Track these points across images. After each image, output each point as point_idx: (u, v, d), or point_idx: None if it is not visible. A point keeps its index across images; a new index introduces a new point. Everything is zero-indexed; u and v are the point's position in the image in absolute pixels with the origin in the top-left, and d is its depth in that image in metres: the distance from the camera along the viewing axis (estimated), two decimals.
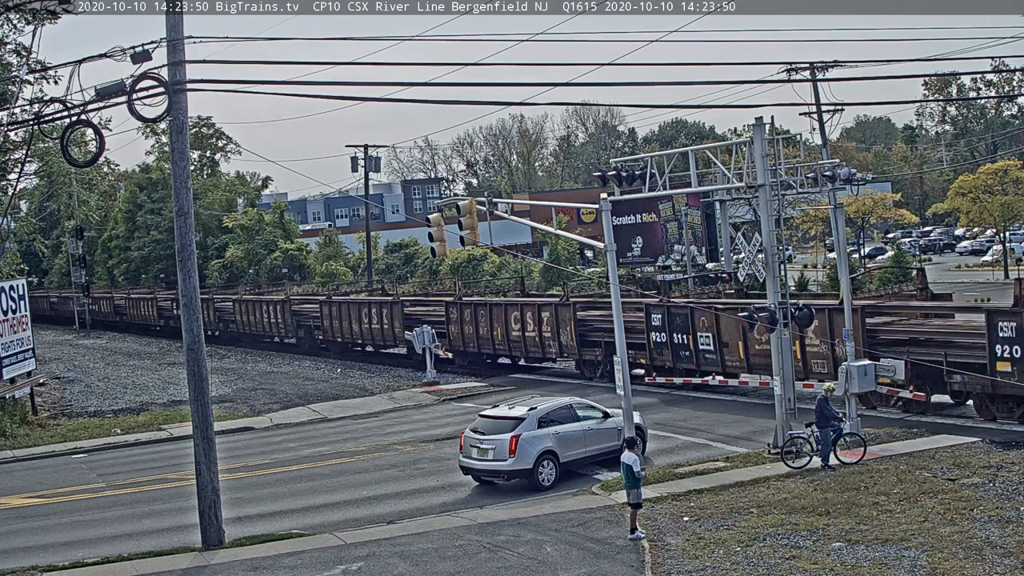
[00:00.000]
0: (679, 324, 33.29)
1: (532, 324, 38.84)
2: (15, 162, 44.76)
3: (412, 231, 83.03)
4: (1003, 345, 24.15)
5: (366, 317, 48.83)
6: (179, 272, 19.97)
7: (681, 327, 33.24)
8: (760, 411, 28.61)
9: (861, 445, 22.44)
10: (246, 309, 60.25)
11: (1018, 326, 23.87)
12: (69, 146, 19.89)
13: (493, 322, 40.85)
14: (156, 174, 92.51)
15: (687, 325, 32.96)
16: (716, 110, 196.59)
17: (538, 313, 38.63)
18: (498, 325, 40.63)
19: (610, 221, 23.40)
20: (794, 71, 52.72)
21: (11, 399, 35.85)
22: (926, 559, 15.56)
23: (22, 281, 39.03)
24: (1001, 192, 65.66)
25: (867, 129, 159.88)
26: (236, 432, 33.14)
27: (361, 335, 49.82)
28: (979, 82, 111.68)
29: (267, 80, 20.75)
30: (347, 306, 50.67)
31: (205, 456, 19.63)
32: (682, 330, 33.22)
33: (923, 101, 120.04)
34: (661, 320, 33.92)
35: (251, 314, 59.47)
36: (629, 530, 18.23)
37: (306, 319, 54.83)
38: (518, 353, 40.96)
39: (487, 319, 41.11)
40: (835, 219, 25.30)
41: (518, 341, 39.92)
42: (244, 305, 60.78)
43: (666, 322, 33.70)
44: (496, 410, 24.02)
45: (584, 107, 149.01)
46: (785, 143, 28.35)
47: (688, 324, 32.91)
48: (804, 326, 24.97)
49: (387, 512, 21.67)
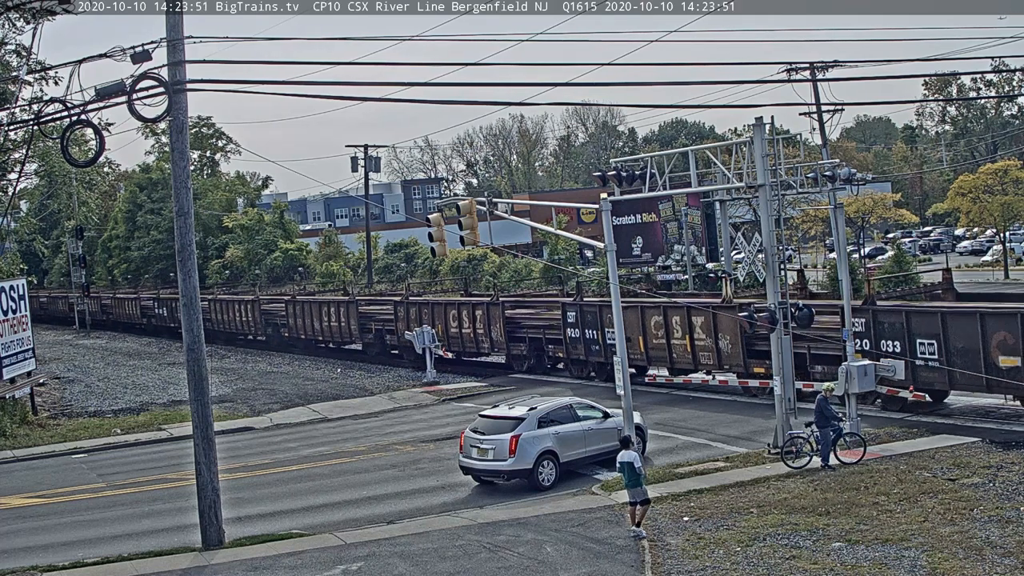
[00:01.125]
0: (590, 321, 36.42)
1: (468, 322, 42.18)
2: (15, 162, 44.78)
3: (412, 231, 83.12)
4: None
5: (326, 315, 51.64)
6: (179, 272, 19.97)
7: (591, 323, 36.34)
8: (760, 411, 28.61)
9: (861, 445, 22.44)
10: (220, 308, 62.79)
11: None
12: (69, 146, 19.88)
13: (435, 320, 43.49)
14: (156, 174, 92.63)
15: (596, 322, 36.03)
16: (716, 110, 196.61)
17: (472, 311, 41.78)
18: (439, 323, 43.29)
19: (610, 221, 23.40)
20: (794, 71, 52.74)
21: (11, 399, 35.85)
22: (926, 559, 15.57)
23: (22, 281, 39.03)
24: (1001, 192, 65.65)
25: (867, 129, 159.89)
26: (236, 432, 33.14)
27: (322, 332, 52.48)
28: (979, 82, 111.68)
29: (267, 80, 20.77)
30: (309, 305, 53.73)
31: (205, 456, 19.63)
32: (592, 326, 36.35)
33: (923, 101, 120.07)
34: (575, 317, 37.14)
35: (224, 313, 62.22)
36: (635, 524, 18.26)
37: (273, 317, 57.68)
38: (457, 348, 43.40)
39: (430, 317, 43.78)
40: (835, 219, 25.29)
41: (456, 337, 42.92)
42: (218, 304, 63.34)
43: (579, 319, 36.94)
44: (496, 410, 24.01)
45: (584, 107, 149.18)
46: (785, 143, 28.36)
47: (597, 320, 35.91)
48: (804, 326, 24.98)
49: (387, 512, 21.68)
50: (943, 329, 25.87)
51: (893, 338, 27.06)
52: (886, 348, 27.16)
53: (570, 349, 37.47)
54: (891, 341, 27.10)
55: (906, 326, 26.73)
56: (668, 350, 33.61)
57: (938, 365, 26.05)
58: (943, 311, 26.48)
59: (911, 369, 26.42)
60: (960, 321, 25.61)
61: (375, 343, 48.84)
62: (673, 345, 33.45)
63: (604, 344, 35.31)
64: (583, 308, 36.61)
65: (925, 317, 26.62)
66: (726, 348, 31.64)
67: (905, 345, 26.60)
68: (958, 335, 25.55)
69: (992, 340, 24.62)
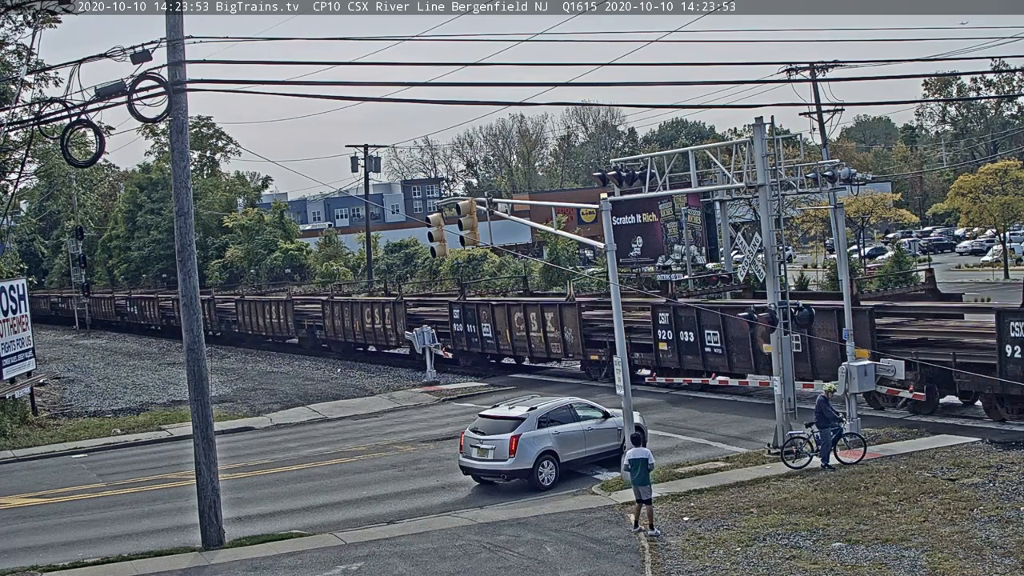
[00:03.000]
0: (470, 317, 42.07)
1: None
2: (15, 162, 44.79)
3: (412, 231, 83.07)
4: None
5: (270, 313, 57.02)
6: (179, 272, 19.97)
7: (471, 319, 41.91)
8: (760, 411, 28.62)
9: (861, 445, 22.44)
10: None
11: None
12: (69, 146, 19.89)
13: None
14: (156, 174, 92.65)
15: (475, 318, 41.67)
16: (716, 110, 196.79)
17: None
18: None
19: (610, 221, 23.39)
20: (794, 71, 52.75)
21: (11, 399, 35.85)
22: (926, 559, 15.57)
23: (22, 281, 39.05)
24: (1001, 192, 65.66)
25: (867, 129, 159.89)
26: (236, 432, 33.15)
27: (265, 328, 57.97)
28: (979, 82, 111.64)
29: (267, 80, 20.78)
30: (257, 304, 58.79)
31: (205, 456, 19.63)
32: (472, 322, 41.91)
33: (923, 101, 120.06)
34: (459, 314, 42.39)
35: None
36: (649, 526, 18.19)
37: (226, 315, 62.29)
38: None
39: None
40: (835, 219, 25.29)
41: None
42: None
43: (463, 316, 42.40)
44: (496, 410, 24.02)
45: (584, 107, 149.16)
46: (785, 143, 28.34)
47: (476, 317, 41.45)
48: (804, 326, 24.97)
49: (387, 512, 21.68)
50: (723, 323, 30.57)
51: (689, 329, 32.47)
52: (684, 337, 32.82)
53: (456, 341, 42.87)
54: (687, 332, 32.61)
55: (697, 320, 31.98)
56: (528, 342, 38.90)
57: (719, 350, 31.28)
58: (722, 307, 31.91)
59: (701, 355, 32.17)
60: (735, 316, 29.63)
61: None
62: (532, 337, 38.66)
63: (481, 336, 41.38)
64: (465, 307, 42.14)
65: (710, 313, 31.92)
66: (570, 339, 37.11)
67: (697, 334, 32.08)
68: (733, 327, 30.26)
69: (757, 330, 28.12)
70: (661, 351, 33.99)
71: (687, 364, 33.13)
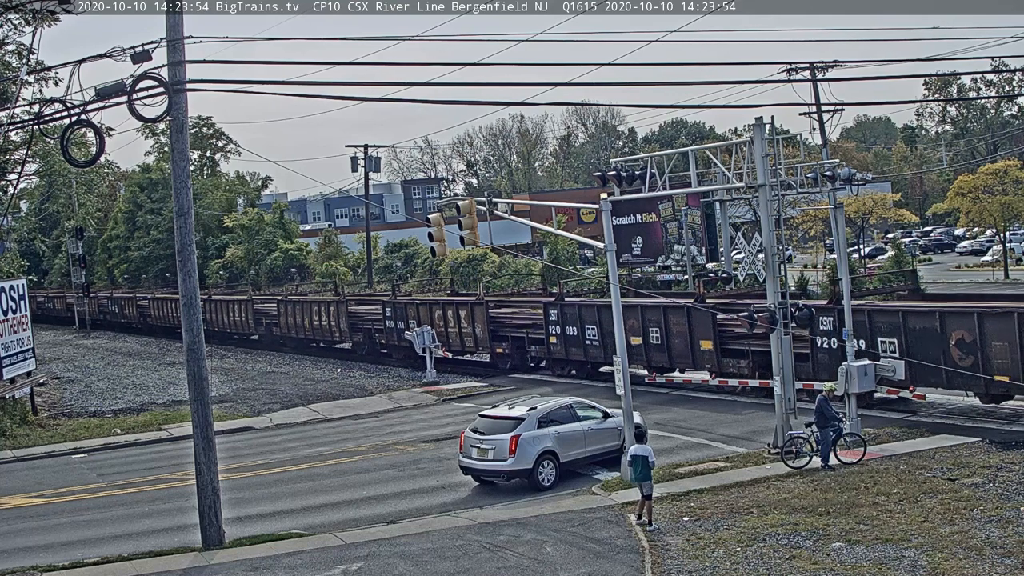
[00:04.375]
0: (400, 314, 46.06)
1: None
2: (15, 162, 44.80)
3: (412, 231, 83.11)
4: None
5: (234, 312, 61.04)
6: (179, 272, 19.97)
7: (400, 316, 45.89)
8: (760, 411, 28.62)
9: (861, 445, 22.44)
10: (158, 305, 71.10)
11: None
12: (69, 146, 19.88)
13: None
14: (156, 174, 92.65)
15: (403, 316, 45.69)
16: (716, 110, 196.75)
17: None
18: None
19: (610, 221, 23.40)
20: (794, 71, 52.78)
21: (11, 399, 35.85)
22: (926, 559, 15.57)
23: (22, 281, 39.04)
24: (1001, 192, 65.63)
25: (867, 129, 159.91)
26: (236, 432, 33.14)
27: (230, 325, 61.86)
28: (979, 82, 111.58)
29: (267, 80, 20.77)
30: (223, 303, 63.11)
31: (205, 456, 19.63)
32: (401, 319, 45.85)
33: (923, 101, 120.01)
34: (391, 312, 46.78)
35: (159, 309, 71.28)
36: (647, 522, 18.41)
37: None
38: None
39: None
40: (835, 219, 25.28)
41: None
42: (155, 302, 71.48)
43: (394, 314, 46.50)
44: (496, 410, 24.02)
45: (584, 107, 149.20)
46: (785, 143, 28.34)
47: (404, 315, 45.66)
48: (803, 326, 24.97)
49: (387, 512, 21.68)
50: (598, 318, 35.63)
51: (573, 323, 37.04)
52: (569, 331, 37.24)
53: (389, 337, 47.50)
54: (571, 326, 37.10)
55: (579, 315, 36.77)
56: (447, 336, 43.16)
57: (597, 343, 36.01)
58: (598, 305, 36.41)
59: (583, 347, 36.65)
60: (607, 312, 31.80)
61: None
62: (449, 332, 43.02)
63: (447, 333, 44.49)
64: (395, 306, 46.88)
65: (588, 309, 36.71)
66: (480, 334, 41.67)
67: (579, 329, 36.74)
68: (607, 323, 33.46)
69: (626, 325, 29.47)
70: (552, 344, 38.30)
71: (572, 355, 37.64)
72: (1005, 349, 24.20)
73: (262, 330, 59.21)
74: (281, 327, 56.05)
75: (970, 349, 24.95)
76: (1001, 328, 24.39)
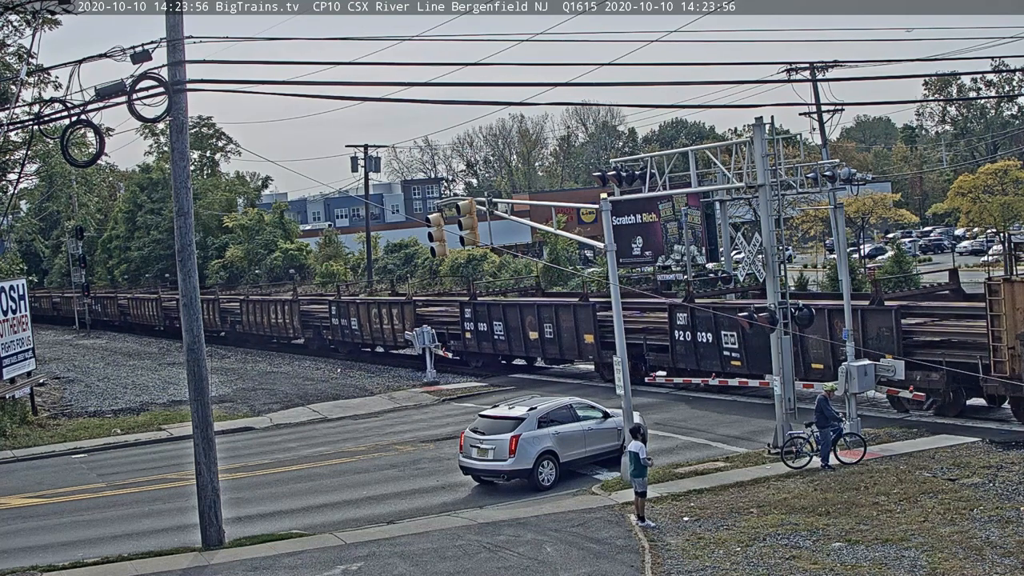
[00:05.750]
0: (343, 312, 49.85)
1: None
2: (15, 162, 44.80)
3: (412, 231, 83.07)
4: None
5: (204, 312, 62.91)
6: (179, 272, 19.97)
7: (343, 314, 49.67)
8: (760, 411, 28.63)
9: (861, 445, 22.44)
10: (137, 304, 75.47)
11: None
12: (69, 146, 19.88)
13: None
14: (156, 174, 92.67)
15: (346, 313, 49.53)
16: (716, 110, 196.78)
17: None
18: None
19: (610, 221, 23.41)
20: (794, 71, 52.74)
21: (11, 399, 35.86)
22: (926, 559, 15.57)
23: (22, 281, 39.04)
24: (1001, 192, 65.62)
25: (867, 129, 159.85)
26: (236, 432, 33.14)
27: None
28: (979, 82, 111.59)
29: (267, 80, 20.75)
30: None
31: (205, 456, 19.63)
32: (344, 316, 49.53)
33: (923, 101, 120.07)
34: (336, 310, 51.43)
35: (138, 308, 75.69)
36: (638, 518, 18.47)
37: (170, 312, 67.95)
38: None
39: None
40: (835, 219, 25.29)
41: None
42: (135, 301, 75.52)
43: (337, 312, 50.38)
44: (496, 410, 24.02)
45: (584, 107, 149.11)
46: (785, 143, 28.36)
47: (346, 313, 49.64)
48: (804, 326, 24.96)
49: (387, 512, 21.67)
50: (504, 315, 39.85)
51: (483, 320, 40.97)
52: (480, 328, 41.17)
53: (334, 334, 50.97)
54: (482, 323, 40.98)
55: (488, 313, 40.85)
56: (382, 333, 46.96)
57: (503, 338, 40.12)
58: (503, 304, 41.23)
59: (492, 341, 40.74)
60: (512, 311, 40.06)
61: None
62: (384, 329, 46.75)
63: (350, 329, 49.38)
64: (339, 305, 50.36)
65: (496, 307, 40.89)
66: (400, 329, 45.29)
67: (488, 326, 40.68)
68: (512, 320, 39.54)
69: (525, 321, 38.93)
70: (467, 339, 42.09)
71: (483, 349, 41.67)
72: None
73: (227, 328, 62.04)
74: (244, 325, 59.66)
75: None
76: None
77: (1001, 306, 24.08)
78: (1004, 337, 23.97)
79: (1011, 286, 24.14)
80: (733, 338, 31.21)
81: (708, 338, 32.11)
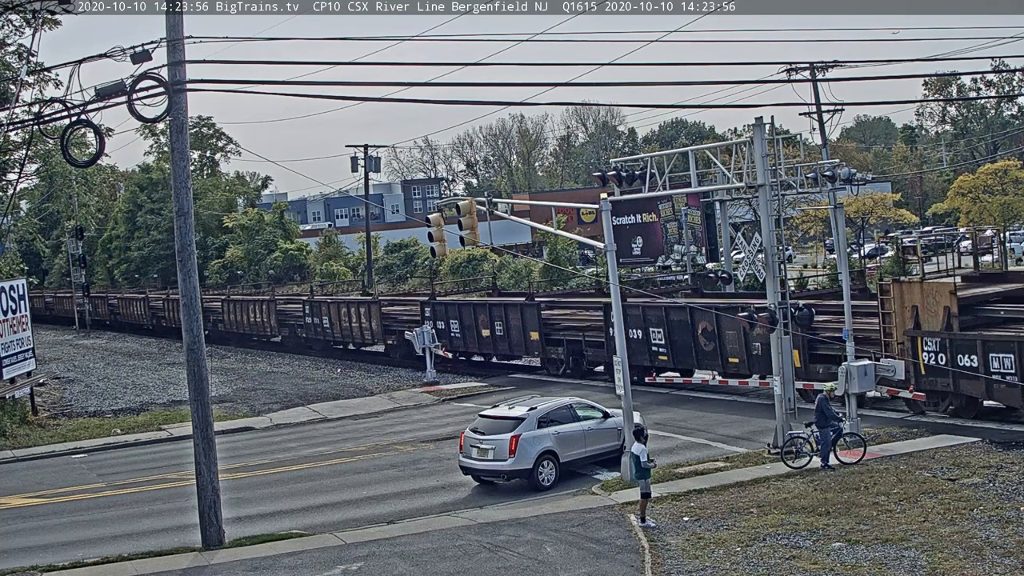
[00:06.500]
0: (318, 311, 51.88)
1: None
2: (15, 162, 44.79)
3: (412, 231, 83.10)
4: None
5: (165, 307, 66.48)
6: (179, 272, 19.98)
7: (317, 313, 51.90)
8: (760, 411, 28.62)
9: (861, 445, 22.44)
10: (126, 303, 77.18)
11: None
12: (69, 146, 19.88)
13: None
14: (156, 174, 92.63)
15: (320, 312, 51.61)
16: (716, 110, 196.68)
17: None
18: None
19: (610, 221, 23.39)
20: (794, 71, 52.79)
21: (11, 399, 35.86)
22: (926, 559, 15.57)
23: (22, 281, 39.05)
24: (1001, 192, 65.59)
25: (867, 129, 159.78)
26: (236, 432, 33.14)
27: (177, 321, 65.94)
28: (979, 82, 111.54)
29: (267, 80, 20.76)
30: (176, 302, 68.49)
31: (205, 456, 19.63)
32: (318, 315, 51.93)
33: (923, 101, 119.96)
34: (309, 310, 53.73)
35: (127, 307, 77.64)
36: (639, 518, 18.53)
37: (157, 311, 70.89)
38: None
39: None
40: (835, 219, 25.29)
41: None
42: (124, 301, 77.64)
43: (311, 311, 52.71)
44: (496, 410, 24.02)
45: (584, 107, 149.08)
46: (785, 143, 28.37)
47: (320, 312, 51.62)
48: (804, 326, 24.96)
49: (387, 512, 21.68)
50: (460, 314, 42.24)
51: (442, 319, 42.97)
52: (439, 326, 42.63)
53: (308, 332, 53.49)
54: (440, 321, 42.86)
55: (446, 312, 43.13)
56: (351, 330, 49.19)
57: (459, 336, 42.14)
58: (459, 304, 43.80)
59: (449, 339, 42.54)
60: (466, 309, 42.32)
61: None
62: (352, 327, 48.94)
63: (322, 327, 51.82)
64: (313, 304, 53.24)
65: (452, 307, 43.26)
66: (375, 328, 47.51)
67: (446, 324, 42.61)
68: (467, 318, 41.87)
69: (479, 320, 41.09)
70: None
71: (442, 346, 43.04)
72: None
73: (209, 326, 62.51)
74: (225, 323, 61.93)
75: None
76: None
77: (891, 304, 26.32)
78: (895, 333, 26.27)
79: (900, 286, 26.39)
80: (660, 334, 33.60)
81: (638, 335, 33.90)
